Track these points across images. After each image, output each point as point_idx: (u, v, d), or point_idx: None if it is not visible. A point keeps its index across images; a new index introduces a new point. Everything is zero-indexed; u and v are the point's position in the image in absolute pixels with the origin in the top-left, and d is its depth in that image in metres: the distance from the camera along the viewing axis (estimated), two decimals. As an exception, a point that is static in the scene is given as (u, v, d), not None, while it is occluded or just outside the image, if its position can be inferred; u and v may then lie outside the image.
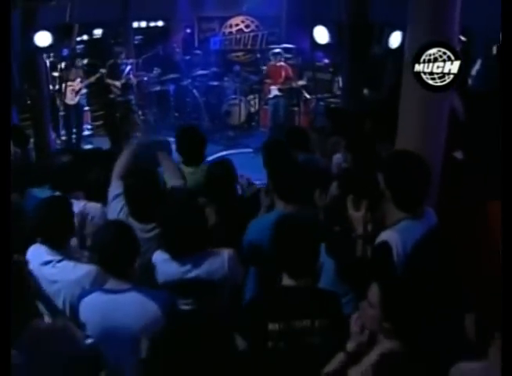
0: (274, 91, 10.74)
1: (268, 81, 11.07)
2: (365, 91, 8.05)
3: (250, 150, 9.61)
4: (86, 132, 11.20)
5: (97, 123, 11.74)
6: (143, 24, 13.12)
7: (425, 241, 2.77)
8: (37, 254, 2.95)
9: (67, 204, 3.16)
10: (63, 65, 9.70)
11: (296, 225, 2.69)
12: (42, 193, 3.96)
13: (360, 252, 2.87)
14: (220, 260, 2.95)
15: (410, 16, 4.02)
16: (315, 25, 8.59)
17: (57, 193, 3.63)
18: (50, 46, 7.96)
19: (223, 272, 2.94)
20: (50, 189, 3.99)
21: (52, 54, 9.50)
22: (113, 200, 3.51)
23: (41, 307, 2.73)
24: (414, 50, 3.95)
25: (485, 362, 2.09)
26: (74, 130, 10.53)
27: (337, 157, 4.53)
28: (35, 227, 3.06)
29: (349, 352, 2.37)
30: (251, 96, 11.82)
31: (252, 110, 11.77)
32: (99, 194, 3.75)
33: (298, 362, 2.44)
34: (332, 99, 10.27)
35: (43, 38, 7.79)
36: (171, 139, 4.81)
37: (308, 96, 10.83)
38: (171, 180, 3.61)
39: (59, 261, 2.93)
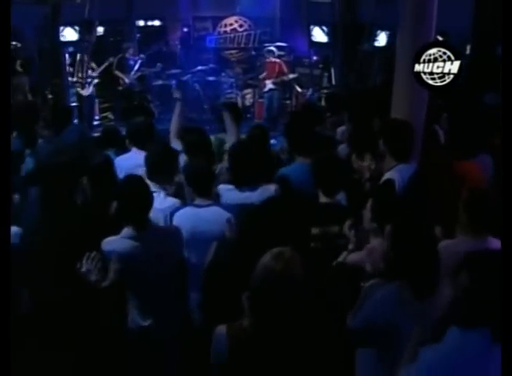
0: (269, 85, 11.76)
1: (263, 76, 12.06)
2: (356, 83, 9.13)
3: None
4: (95, 122, 12.08)
5: (104, 114, 12.61)
6: (141, 23, 14.05)
7: (413, 178, 3.91)
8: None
9: (174, 152, 4.20)
10: (78, 58, 10.56)
11: (334, 161, 3.87)
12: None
13: (368, 188, 4.00)
14: (269, 191, 4.01)
15: (400, 18, 5.00)
16: (309, 25, 9.65)
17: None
18: (74, 40, 8.93)
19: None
20: (114, 152, 5.01)
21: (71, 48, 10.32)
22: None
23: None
24: (404, 47, 4.95)
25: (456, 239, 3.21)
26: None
27: (342, 129, 5.67)
28: (147, 167, 4.02)
29: (350, 249, 3.35)
30: (247, 91, 12.80)
31: (247, 103, 12.79)
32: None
33: (330, 258, 3.45)
34: (322, 92, 11.34)
35: (69, 33, 8.74)
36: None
37: (299, 90, 11.90)
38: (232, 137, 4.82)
39: (153, 192, 3.80)
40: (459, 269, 2.04)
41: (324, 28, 8.94)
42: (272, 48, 12.18)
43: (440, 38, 8.00)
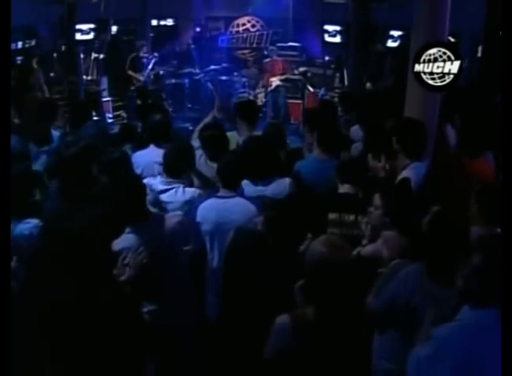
0: (276, 82, 11.82)
1: (268, 75, 12.12)
2: (368, 84, 9.19)
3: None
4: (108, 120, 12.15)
5: (117, 112, 12.68)
6: (155, 22, 14.14)
7: (427, 175, 3.99)
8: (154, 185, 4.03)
9: (190, 148, 4.31)
10: (93, 56, 10.70)
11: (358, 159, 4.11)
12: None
13: (382, 187, 4.08)
14: (283, 185, 4.14)
15: (414, 19, 5.04)
16: (322, 25, 9.73)
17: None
18: (89, 39, 9.05)
19: (285, 193, 4.08)
20: (131, 149, 5.09)
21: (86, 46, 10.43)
22: (195, 151, 4.56)
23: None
24: (417, 47, 4.98)
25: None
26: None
27: (355, 128, 5.75)
28: (165, 164, 4.13)
29: (363, 244, 3.45)
30: (259, 90, 12.75)
31: (259, 102, 12.81)
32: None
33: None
34: (334, 92, 11.40)
35: (84, 32, 8.87)
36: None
37: (311, 90, 11.95)
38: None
39: (172, 188, 4.02)
40: (473, 250, 2.13)
41: (337, 28, 9.01)
42: (273, 47, 12.37)
43: (452, 40, 8.06)
